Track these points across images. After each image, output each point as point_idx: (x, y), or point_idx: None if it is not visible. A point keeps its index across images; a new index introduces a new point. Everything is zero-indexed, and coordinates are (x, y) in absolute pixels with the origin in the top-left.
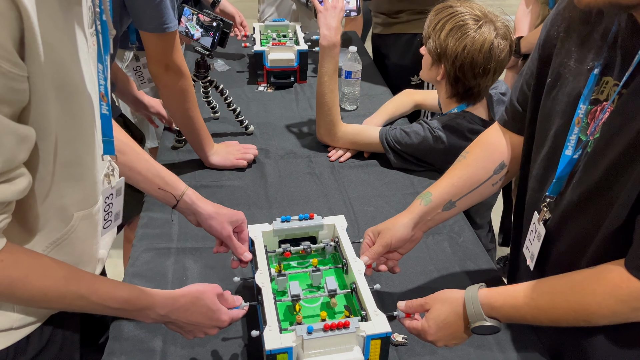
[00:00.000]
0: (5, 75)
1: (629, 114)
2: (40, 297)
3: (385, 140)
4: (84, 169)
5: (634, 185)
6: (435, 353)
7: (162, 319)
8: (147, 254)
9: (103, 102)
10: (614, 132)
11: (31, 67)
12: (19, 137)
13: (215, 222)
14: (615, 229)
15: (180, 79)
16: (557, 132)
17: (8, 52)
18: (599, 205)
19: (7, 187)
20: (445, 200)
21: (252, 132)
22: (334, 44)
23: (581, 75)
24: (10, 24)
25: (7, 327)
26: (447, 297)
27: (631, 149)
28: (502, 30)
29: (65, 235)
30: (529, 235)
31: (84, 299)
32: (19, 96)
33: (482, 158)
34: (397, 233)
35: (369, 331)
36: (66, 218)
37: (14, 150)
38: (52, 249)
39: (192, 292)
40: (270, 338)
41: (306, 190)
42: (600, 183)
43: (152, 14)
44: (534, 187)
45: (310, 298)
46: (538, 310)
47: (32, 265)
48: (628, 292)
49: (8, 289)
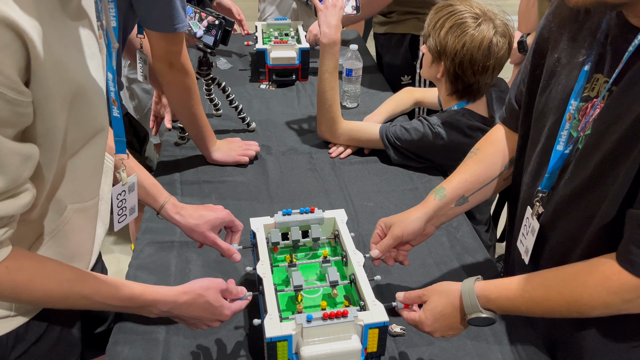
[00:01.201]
0: (10, 102)
1: (619, 110)
2: (45, 298)
3: (385, 136)
4: (79, 161)
5: (624, 180)
6: (432, 344)
7: (165, 314)
8: (150, 247)
9: (114, 106)
10: (605, 128)
11: (38, 91)
12: (23, 157)
13: (196, 234)
14: (606, 222)
15: (184, 77)
16: (550, 129)
17: (13, 82)
18: (591, 200)
19: (12, 202)
20: (458, 195)
21: (253, 129)
22: (334, 41)
23: (573, 72)
24: (14, 54)
25: (5, 315)
26: (444, 289)
27: (622, 145)
28: (501, 28)
29: (60, 227)
30: (522, 229)
31: (87, 299)
32: (22, 119)
33: (493, 154)
34: (409, 227)
35: (367, 320)
36: (60, 209)
37: (19, 169)
38: (47, 240)
39: (195, 289)
40: (271, 326)
41: (307, 186)
42: (591, 178)
43: (159, 15)
44: (528, 183)
45: (312, 289)
46: (532, 302)
47: (36, 270)
48: (619, 285)
49: (13, 292)
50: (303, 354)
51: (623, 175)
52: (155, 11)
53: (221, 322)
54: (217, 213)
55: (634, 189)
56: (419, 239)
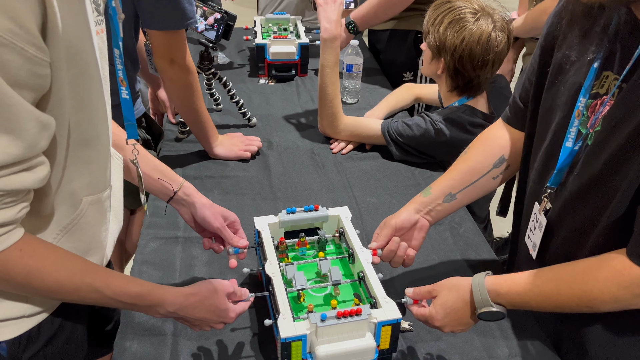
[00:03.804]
0: (30, 60)
1: (629, 107)
2: (56, 288)
3: (387, 132)
4: (92, 152)
5: (634, 177)
6: (440, 339)
7: (170, 315)
8: (155, 242)
9: (122, 87)
10: (615, 125)
11: (53, 53)
12: (41, 124)
13: (209, 212)
14: (615, 219)
15: (185, 74)
16: (558, 125)
17: (34, 36)
18: (600, 196)
19: (28, 175)
20: (445, 192)
21: (254, 124)
22: (335, 36)
23: (582, 68)
24: (34, 8)
25: (19, 315)
26: (454, 284)
27: (631, 142)
28: (499, 22)
29: (75, 221)
30: (530, 225)
31: (97, 292)
32: (41, 81)
33: (481, 152)
34: (400, 216)
35: (380, 318)
36: (75, 203)
37: (36, 137)
38: (63, 235)
39: (202, 292)
40: (285, 326)
41: (309, 181)
42: (601, 174)
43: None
44: (535, 179)
45: (315, 288)
46: (542, 297)
47: (50, 256)
48: (630, 279)
49: (25, 278)
50: (318, 354)
51: (633, 172)
52: (155, 12)
53: (225, 324)
54: (227, 210)
55: None
56: (417, 235)
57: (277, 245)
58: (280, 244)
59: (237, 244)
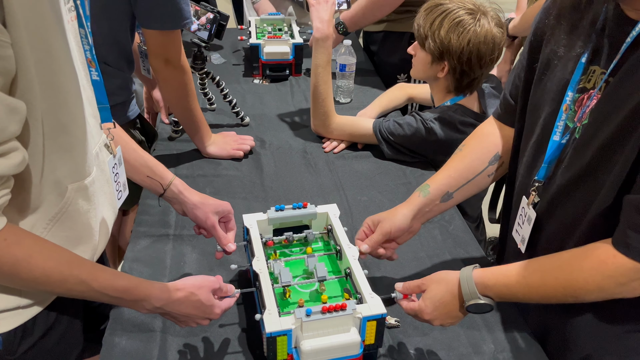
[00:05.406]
0: None
1: (616, 100)
2: (43, 279)
3: (378, 131)
4: (72, 138)
5: (621, 169)
6: (426, 335)
7: (156, 310)
8: (145, 240)
9: (92, 68)
10: (603, 118)
11: (13, 34)
12: (8, 108)
13: (200, 212)
14: (602, 211)
15: (181, 74)
16: (545, 120)
17: None
18: (588, 189)
19: (2, 161)
20: (442, 192)
21: (247, 123)
22: (327, 36)
23: (569, 63)
24: None
25: (15, 306)
26: (442, 277)
27: (618, 134)
28: (495, 19)
29: (63, 209)
30: (518, 219)
31: (84, 285)
32: (5, 63)
33: (477, 150)
34: (396, 222)
35: (365, 313)
36: (61, 191)
37: (3, 121)
38: (53, 224)
39: (188, 287)
40: (270, 321)
41: (301, 180)
42: (588, 167)
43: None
44: (523, 174)
45: (301, 284)
46: (529, 288)
47: (36, 246)
48: (614, 268)
49: (12, 268)
50: (303, 348)
51: (621, 163)
52: (153, 11)
53: (210, 320)
54: (220, 201)
55: (632, 176)
56: (406, 236)
57: (266, 242)
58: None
59: (225, 248)
